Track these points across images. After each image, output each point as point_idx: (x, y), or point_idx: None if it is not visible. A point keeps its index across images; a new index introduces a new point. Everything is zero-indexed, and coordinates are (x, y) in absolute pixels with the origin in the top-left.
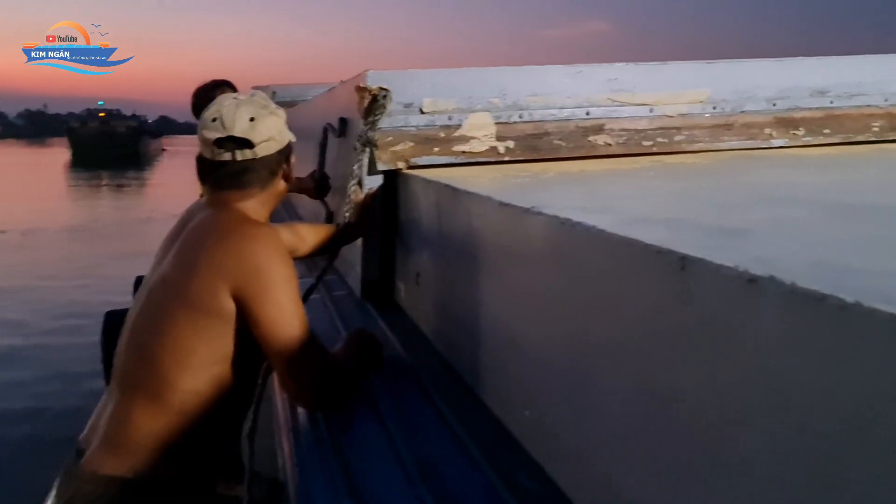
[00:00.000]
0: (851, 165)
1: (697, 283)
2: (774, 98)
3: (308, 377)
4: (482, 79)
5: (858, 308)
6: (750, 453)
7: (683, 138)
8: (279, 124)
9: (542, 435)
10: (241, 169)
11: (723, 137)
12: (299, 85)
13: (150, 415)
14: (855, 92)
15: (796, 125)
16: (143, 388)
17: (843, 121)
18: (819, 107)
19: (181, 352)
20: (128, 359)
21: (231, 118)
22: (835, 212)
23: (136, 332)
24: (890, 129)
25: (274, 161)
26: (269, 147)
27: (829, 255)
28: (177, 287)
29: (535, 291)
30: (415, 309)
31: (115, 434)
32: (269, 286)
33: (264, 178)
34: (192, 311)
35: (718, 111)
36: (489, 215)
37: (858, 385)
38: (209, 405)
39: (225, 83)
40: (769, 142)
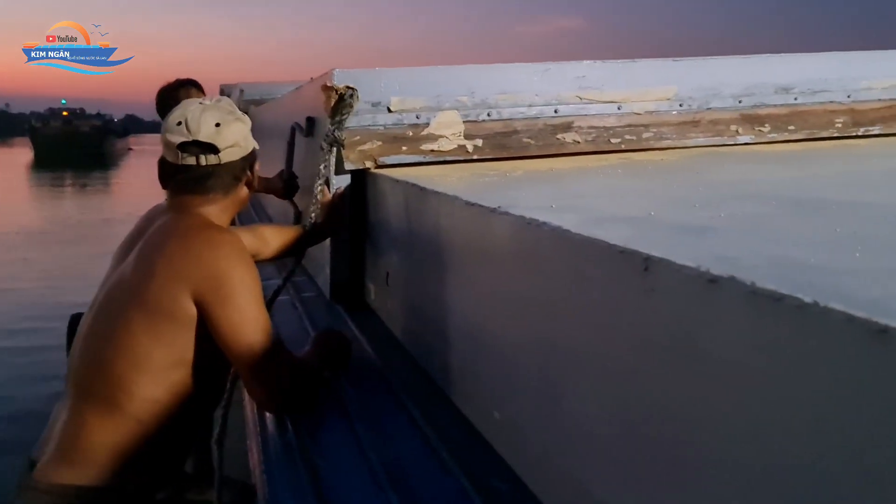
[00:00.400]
0: (815, 161)
1: (660, 283)
2: (740, 95)
3: (274, 383)
4: (450, 77)
5: (815, 308)
6: (713, 451)
7: (651, 135)
8: (244, 130)
9: (512, 436)
10: (204, 174)
11: (690, 134)
12: (267, 83)
13: (106, 422)
14: (818, 89)
15: (762, 122)
16: (98, 395)
17: (806, 117)
18: (783, 103)
19: (137, 357)
20: (82, 365)
21: (196, 123)
22: (797, 208)
23: (90, 337)
24: (852, 125)
25: (238, 167)
26: (233, 153)
27: (789, 253)
28: (135, 291)
29: (503, 292)
30: (384, 309)
31: (70, 442)
32: (230, 292)
33: (227, 184)
34: (150, 315)
35: (685, 108)
36: (456, 215)
37: (817, 384)
38: (167, 412)
39: (190, 82)
40: (735, 138)
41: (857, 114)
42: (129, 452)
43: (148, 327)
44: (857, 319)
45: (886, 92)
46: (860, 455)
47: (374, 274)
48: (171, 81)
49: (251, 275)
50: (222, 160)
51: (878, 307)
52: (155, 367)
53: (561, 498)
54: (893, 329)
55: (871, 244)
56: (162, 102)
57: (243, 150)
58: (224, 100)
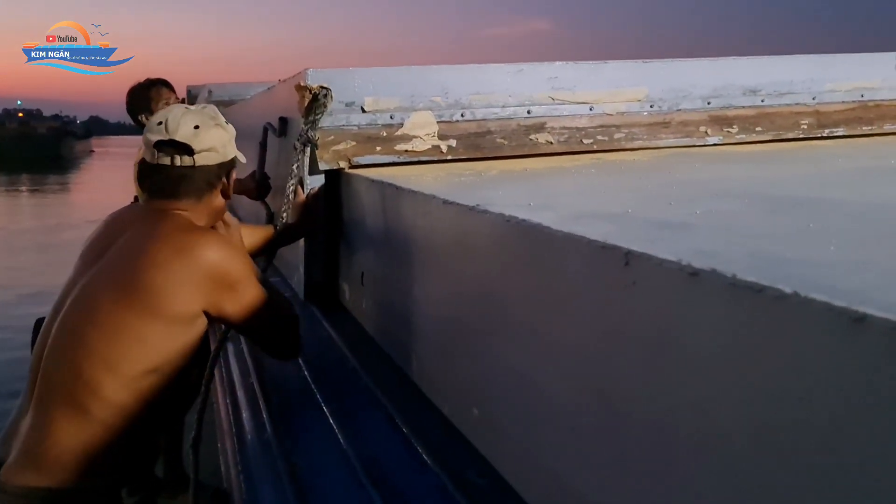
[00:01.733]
0: (784, 161)
1: (641, 277)
2: (709, 97)
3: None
4: (424, 77)
5: (796, 298)
6: (694, 443)
7: (623, 136)
8: (223, 137)
9: (491, 432)
10: (178, 176)
11: (660, 135)
12: (236, 84)
13: (73, 424)
14: (785, 91)
15: (730, 123)
16: (66, 397)
17: (773, 118)
18: (751, 105)
19: (111, 360)
20: (49, 365)
21: (176, 123)
22: (770, 205)
23: (60, 338)
24: (817, 126)
25: (213, 173)
26: (209, 157)
27: (766, 247)
28: (123, 296)
29: (481, 289)
30: (359, 309)
31: (37, 444)
32: (236, 285)
33: (201, 189)
34: (139, 319)
35: (656, 109)
36: (433, 214)
37: (797, 372)
38: (136, 416)
39: (161, 82)
40: (704, 139)
41: (822, 115)
42: (97, 455)
43: (131, 331)
44: (837, 308)
45: (850, 94)
46: (841, 441)
47: (348, 274)
48: (141, 81)
49: (249, 264)
50: (197, 163)
51: (856, 296)
52: (128, 371)
53: (541, 492)
54: (871, 316)
55: (844, 238)
56: (132, 101)
57: (221, 157)
58: (210, 107)
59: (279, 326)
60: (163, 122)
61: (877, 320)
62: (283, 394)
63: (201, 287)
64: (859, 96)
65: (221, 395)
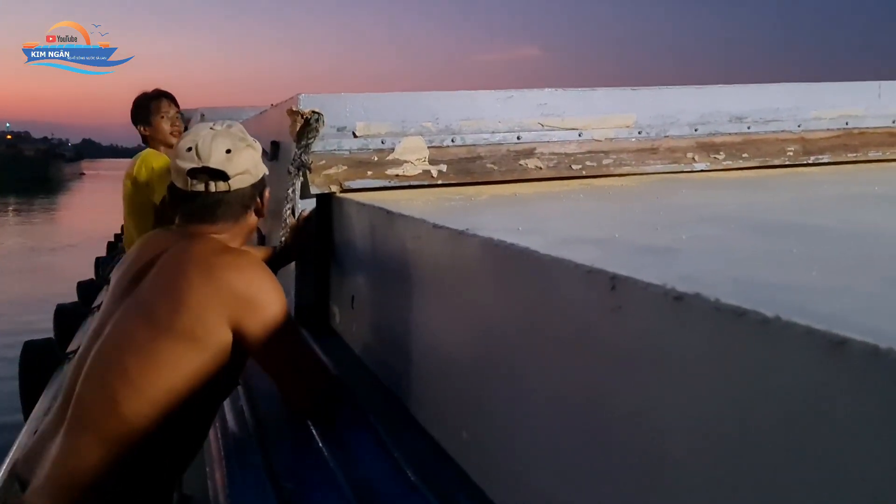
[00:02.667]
0: (769, 187)
1: (627, 300)
2: (696, 123)
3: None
4: (415, 103)
5: (778, 322)
6: (681, 465)
7: (611, 162)
8: (255, 157)
9: (480, 456)
10: (214, 201)
11: (648, 161)
12: (228, 108)
13: (106, 453)
14: (771, 118)
15: (717, 149)
16: (100, 426)
17: (759, 145)
18: (738, 132)
19: (148, 389)
20: (83, 393)
21: (207, 149)
22: (755, 231)
23: (96, 367)
24: (803, 153)
25: (248, 195)
26: (243, 180)
27: (750, 272)
28: (159, 322)
29: (470, 313)
30: (350, 333)
31: (67, 471)
32: (266, 311)
33: (237, 212)
34: (176, 345)
35: (644, 136)
36: (424, 237)
37: (779, 395)
38: (163, 445)
39: (163, 95)
40: (692, 165)
41: (808, 143)
42: (126, 484)
43: (169, 358)
44: (817, 332)
45: (835, 122)
46: (822, 462)
47: (339, 297)
48: (148, 91)
49: (279, 290)
50: (232, 187)
51: (837, 320)
52: (163, 400)
53: None
54: (851, 340)
55: (826, 264)
56: (134, 111)
57: (253, 178)
58: (235, 125)
59: (304, 369)
60: (192, 147)
61: (857, 344)
62: (273, 416)
63: (227, 304)
64: (844, 124)
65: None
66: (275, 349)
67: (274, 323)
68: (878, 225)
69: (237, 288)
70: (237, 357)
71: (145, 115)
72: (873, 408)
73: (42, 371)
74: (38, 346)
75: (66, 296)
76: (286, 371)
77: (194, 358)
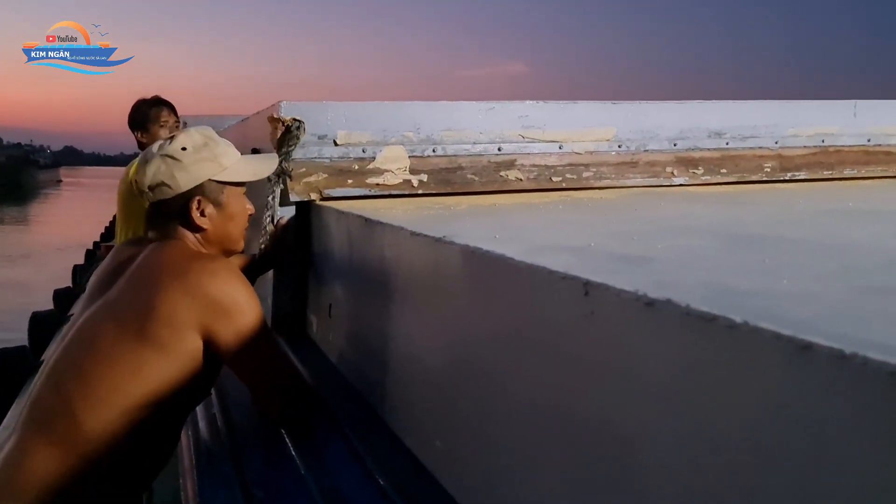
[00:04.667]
0: (746, 202)
1: (600, 306)
2: (675, 138)
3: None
4: (397, 112)
5: (745, 327)
6: (653, 470)
7: (591, 175)
8: (172, 168)
9: (454, 464)
10: (153, 213)
11: (628, 175)
12: (210, 116)
13: (54, 454)
14: (748, 134)
15: (695, 164)
16: (49, 426)
17: (737, 161)
18: (716, 147)
19: (104, 391)
20: (40, 394)
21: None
22: (730, 242)
23: (55, 371)
24: (780, 169)
25: (173, 207)
26: (162, 192)
27: (722, 280)
28: (125, 326)
29: (445, 320)
30: (327, 341)
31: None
32: (238, 316)
33: (174, 224)
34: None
35: (624, 149)
36: (401, 245)
37: (748, 399)
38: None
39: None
40: (671, 179)
41: (785, 159)
42: (76, 488)
43: (132, 363)
44: (784, 337)
45: (811, 139)
46: (787, 464)
47: (316, 306)
48: (147, 98)
49: (254, 297)
50: (153, 199)
51: (804, 326)
52: (121, 403)
53: None
54: (817, 345)
55: (797, 273)
56: (131, 116)
57: (174, 189)
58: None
59: (278, 377)
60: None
61: (822, 349)
62: (246, 424)
63: (199, 310)
64: (820, 141)
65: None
66: (249, 357)
67: (248, 330)
68: (851, 238)
69: (210, 294)
70: (209, 365)
71: (143, 121)
72: (839, 411)
73: (15, 379)
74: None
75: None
76: (260, 379)
77: (160, 364)
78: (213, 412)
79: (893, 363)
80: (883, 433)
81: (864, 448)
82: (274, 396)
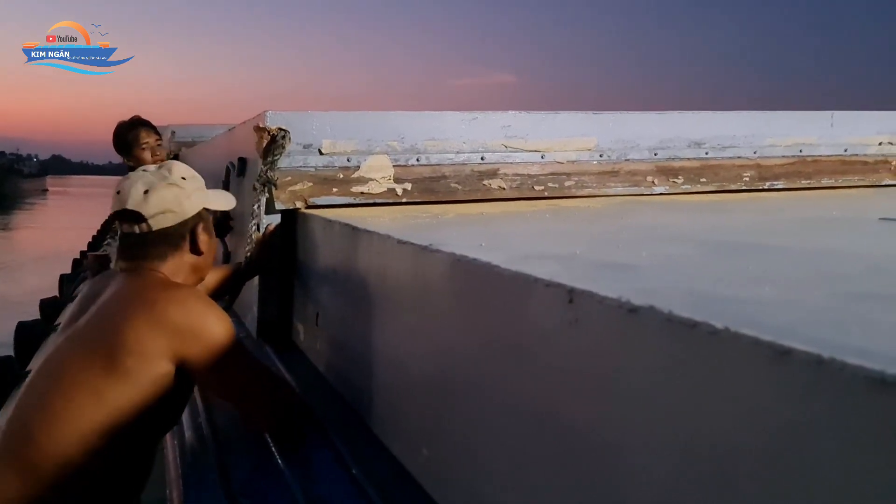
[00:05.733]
0: (725, 211)
1: (584, 313)
2: (656, 148)
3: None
4: (381, 122)
5: (726, 333)
6: (637, 476)
7: (573, 184)
8: (178, 196)
9: (440, 472)
10: (140, 241)
11: (609, 183)
12: (199, 125)
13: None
14: (728, 144)
15: (675, 174)
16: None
17: (717, 170)
18: (696, 157)
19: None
20: (9, 423)
21: (127, 191)
22: (712, 250)
23: (23, 399)
24: (759, 179)
25: (174, 233)
26: (165, 219)
27: (704, 287)
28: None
29: (432, 328)
30: (313, 349)
31: None
32: (212, 342)
33: (165, 252)
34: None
35: (605, 159)
36: (388, 254)
37: (728, 403)
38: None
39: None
40: (651, 188)
41: (763, 169)
42: None
43: (96, 391)
44: (764, 343)
45: (789, 149)
46: (767, 467)
47: (302, 313)
48: (125, 120)
49: (223, 319)
50: (153, 227)
51: (783, 332)
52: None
53: None
54: (796, 350)
55: (778, 281)
56: (115, 142)
57: (178, 216)
58: (168, 165)
59: (260, 392)
60: (120, 189)
61: (801, 354)
62: (232, 432)
63: (168, 337)
64: (798, 151)
65: (169, 435)
66: (226, 378)
67: (221, 352)
68: (831, 246)
69: (178, 321)
70: (179, 392)
71: (124, 146)
72: (818, 415)
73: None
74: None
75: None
76: (242, 397)
77: (125, 392)
78: (199, 421)
79: (870, 368)
80: (861, 436)
81: (843, 451)
82: (260, 414)
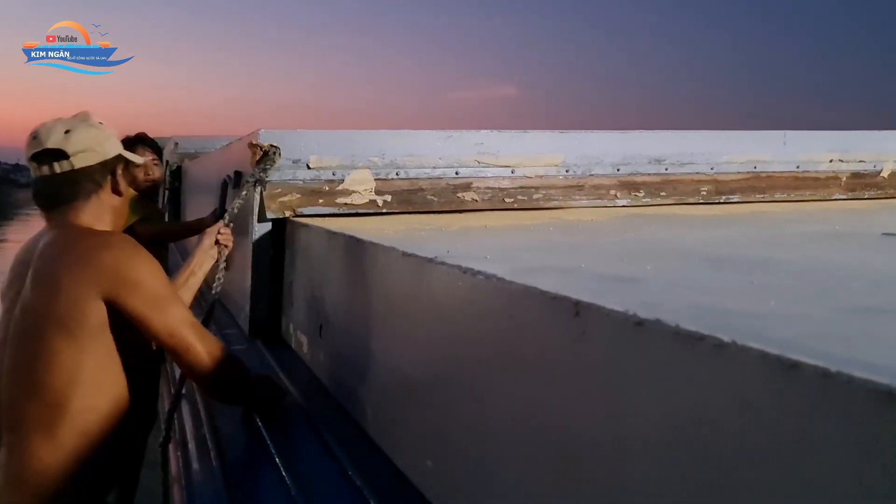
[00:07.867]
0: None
1: (590, 326)
2: (619, 164)
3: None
4: (364, 140)
5: (734, 346)
6: (644, 488)
7: (541, 196)
8: (99, 136)
9: (445, 485)
10: (60, 181)
11: (575, 196)
12: (201, 137)
13: (49, 445)
14: (686, 161)
15: (637, 188)
16: (35, 421)
17: (676, 185)
18: (656, 172)
19: (67, 372)
20: (12, 397)
21: (47, 132)
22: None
23: (14, 370)
24: (716, 192)
25: (97, 172)
26: (87, 158)
27: (710, 300)
28: (46, 312)
29: (436, 340)
30: (315, 359)
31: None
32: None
33: (88, 190)
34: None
35: (571, 174)
36: (392, 265)
37: (735, 416)
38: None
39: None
40: (614, 201)
41: (720, 183)
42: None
43: (70, 342)
44: (771, 356)
45: (744, 166)
46: (775, 480)
47: (296, 319)
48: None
49: (153, 264)
50: (75, 165)
51: (790, 345)
52: (87, 377)
53: None
54: (804, 364)
55: (783, 295)
56: None
57: (100, 156)
58: (86, 112)
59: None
60: (36, 135)
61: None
62: (237, 443)
63: (100, 283)
64: (753, 168)
65: (172, 445)
66: (160, 320)
67: (153, 295)
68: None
69: (109, 266)
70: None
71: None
72: (824, 428)
73: None
74: None
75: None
76: (178, 341)
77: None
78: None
79: (878, 381)
80: (868, 449)
81: (850, 464)
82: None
